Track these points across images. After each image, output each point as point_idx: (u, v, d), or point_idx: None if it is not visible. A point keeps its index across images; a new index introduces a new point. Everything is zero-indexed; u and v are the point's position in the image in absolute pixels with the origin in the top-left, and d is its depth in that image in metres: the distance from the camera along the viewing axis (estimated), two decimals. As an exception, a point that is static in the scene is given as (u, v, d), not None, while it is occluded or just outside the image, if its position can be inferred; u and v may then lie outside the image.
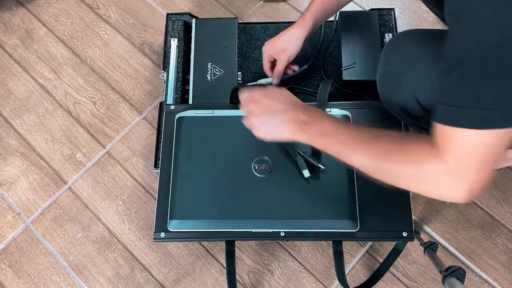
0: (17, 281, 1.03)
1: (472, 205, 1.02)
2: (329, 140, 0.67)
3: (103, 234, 1.05)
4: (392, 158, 0.60)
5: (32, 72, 1.23)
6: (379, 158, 0.61)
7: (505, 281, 0.96)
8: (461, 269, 0.77)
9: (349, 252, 1.00)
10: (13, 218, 1.08)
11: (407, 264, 0.99)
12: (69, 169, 1.12)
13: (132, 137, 1.14)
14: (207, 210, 0.88)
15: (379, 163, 0.61)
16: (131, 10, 1.28)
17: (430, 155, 0.56)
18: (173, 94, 1.04)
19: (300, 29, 0.91)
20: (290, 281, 0.99)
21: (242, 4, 1.27)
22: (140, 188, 1.09)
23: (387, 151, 0.61)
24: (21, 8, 1.31)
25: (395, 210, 0.86)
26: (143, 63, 1.22)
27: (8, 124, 1.18)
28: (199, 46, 1.06)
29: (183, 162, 0.92)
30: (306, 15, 0.91)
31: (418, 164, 0.57)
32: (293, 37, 0.92)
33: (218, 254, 1.02)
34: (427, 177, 0.57)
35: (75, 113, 1.17)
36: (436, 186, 0.57)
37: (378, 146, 0.62)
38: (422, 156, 0.57)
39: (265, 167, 0.90)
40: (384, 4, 1.23)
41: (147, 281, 1.01)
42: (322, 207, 0.87)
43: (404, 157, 0.59)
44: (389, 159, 0.60)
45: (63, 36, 1.26)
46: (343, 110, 0.93)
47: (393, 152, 0.60)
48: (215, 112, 0.95)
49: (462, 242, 1.00)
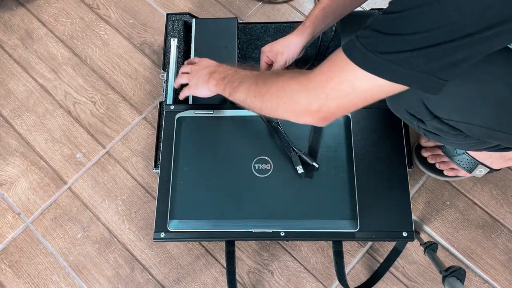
0: (17, 281, 1.03)
1: (472, 205, 1.02)
2: (224, 82, 0.81)
3: (103, 234, 1.05)
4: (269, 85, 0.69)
5: (32, 72, 1.23)
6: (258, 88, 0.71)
7: (505, 281, 0.96)
8: (461, 269, 0.77)
9: (349, 252, 1.00)
10: (13, 218, 1.08)
11: (407, 264, 0.99)
12: (69, 169, 1.12)
13: (132, 137, 1.14)
14: (207, 210, 0.89)
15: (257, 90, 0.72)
16: (131, 10, 1.28)
17: (301, 78, 0.64)
18: (173, 94, 1.04)
19: (299, 36, 0.92)
20: (290, 281, 0.99)
21: (242, 4, 1.27)
22: (140, 188, 1.09)
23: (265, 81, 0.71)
24: (21, 8, 1.31)
25: (395, 210, 0.87)
26: (143, 63, 1.22)
27: (8, 124, 1.17)
28: (199, 46, 1.06)
29: (183, 162, 0.92)
30: (305, 23, 0.92)
31: (288, 83, 0.66)
32: (291, 43, 0.92)
33: (218, 254, 1.02)
34: (291, 95, 0.65)
35: (75, 113, 1.17)
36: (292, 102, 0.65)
37: (258, 81, 0.72)
38: (294, 77, 0.65)
39: (265, 167, 0.90)
40: (384, 4, 1.23)
41: (147, 281, 1.01)
42: (322, 207, 0.87)
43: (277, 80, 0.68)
44: (267, 85, 0.70)
45: (63, 36, 1.26)
46: (343, 110, 0.93)
47: (270, 80, 0.70)
48: (215, 112, 0.95)
49: (462, 242, 1.00)
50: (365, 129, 0.92)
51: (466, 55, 0.51)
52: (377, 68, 0.54)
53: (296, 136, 0.91)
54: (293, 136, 0.91)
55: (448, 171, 0.98)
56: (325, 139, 0.92)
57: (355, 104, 0.61)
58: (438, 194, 1.03)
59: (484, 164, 0.90)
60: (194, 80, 0.90)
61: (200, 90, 0.89)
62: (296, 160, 0.89)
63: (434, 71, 0.53)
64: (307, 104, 0.63)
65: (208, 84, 0.86)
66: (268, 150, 0.91)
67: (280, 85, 0.67)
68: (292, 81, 0.65)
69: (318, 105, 0.62)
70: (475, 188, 1.03)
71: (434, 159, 0.99)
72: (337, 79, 0.59)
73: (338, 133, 0.92)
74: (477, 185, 1.03)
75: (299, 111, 0.65)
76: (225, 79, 0.82)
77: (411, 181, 1.03)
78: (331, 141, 0.92)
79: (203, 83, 0.87)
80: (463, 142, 0.76)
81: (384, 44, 0.53)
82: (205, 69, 0.89)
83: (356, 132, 0.92)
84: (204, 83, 0.87)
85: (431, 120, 0.71)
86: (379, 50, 0.53)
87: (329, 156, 0.91)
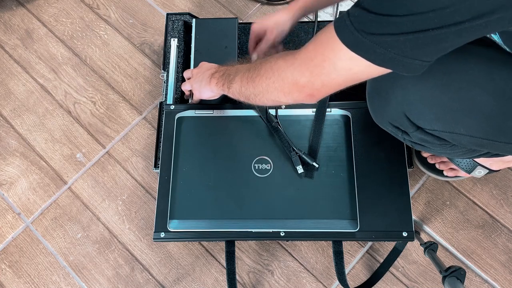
0: (17, 281, 1.03)
1: (472, 205, 1.02)
2: (223, 78, 0.82)
3: (103, 234, 1.05)
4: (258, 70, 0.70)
5: (32, 72, 1.23)
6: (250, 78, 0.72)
7: (505, 281, 0.96)
8: (461, 269, 0.77)
9: (349, 252, 1.00)
10: (13, 218, 1.08)
11: (407, 264, 0.99)
12: (69, 169, 1.12)
13: (132, 137, 1.14)
14: (207, 210, 0.89)
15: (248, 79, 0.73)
16: (131, 10, 1.28)
17: (289, 57, 0.64)
18: (173, 94, 1.04)
19: (290, 14, 0.93)
20: (290, 281, 0.99)
21: (242, 4, 1.27)
22: (140, 188, 1.09)
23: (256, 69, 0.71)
24: (21, 8, 1.31)
25: (395, 210, 0.87)
26: (143, 63, 1.22)
27: (8, 124, 1.17)
28: (199, 46, 1.06)
29: (183, 162, 0.92)
30: (298, 1, 0.92)
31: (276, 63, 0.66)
32: (280, 20, 0.93)
33: (218, 254, 1.02)
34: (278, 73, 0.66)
35: (75, 113, 1.17)
36: (280, 81, 0.66)
37: (251, 70, 0.73)
38: (283, 57, 0.66)
39: (265, 167, 0.90)
40: None
41: (147, 281, 1.01)
42: (322, 207, 0.87)
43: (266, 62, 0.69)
44: (257, 70, 0.71)
45: (63, 36, 1.26)
46: (343, 110, 0.93)
47: (261, 65, 0.70)
48: (215, 112, 0.96)
49: (462, 242, 1.00)
50: (365, 129, 0.92)
51: (452, 43, 0.51)
52: (362, 49, 0.54)
53: (296, 136, 0.91)
54: (293, 136, 0.91)
55: (447, 171, 0.98)
56: (325, 139, 0.92)
57: (338, 83, 0.61)
58: (438, 194, 1.03)
59: (483, 166, 0.90)
60: (197, 83, 0.91)
61: (204, 92, 0.89)
62: (296, 160, 0.89)
63: (419, 55, 0.52)
64: (293, 80, 0.64)
65: (210, 85, 0.86)
66: (268, 150, 0.91)
67: (268, 65, 0.68)
68: (279, 60, 0.66)
69: (304, 81, 0.62)
70: (475, 188, 1.03)
71: (434, 159, 0.99)
72: (321, 57, 0.59)
73: (338, 133, 0.92)
74: (477, 185, 1.03)
75: (287, 88, 0.65)
76: (223, 75, 0.83)
77: (411, 181, 1.03)
78: (331, 141, 0.92)
79: (206, 84, 0.87)
80: (451, 151, 0.75)
81: (372, 24, 0.52)
82: (206, 71, 0.89)
83: (356, 132, 0.92)
84: (206, 85, 0.87)
85: (415, 132, 0.70)
86: (366, 31, 0.52)
87: (329, 156, 0.91)
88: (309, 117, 0.93)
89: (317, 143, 0.91)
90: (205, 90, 0.88)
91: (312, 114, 0.94)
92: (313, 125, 0.92)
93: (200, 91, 0.90)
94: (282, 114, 0.94)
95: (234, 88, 0.78)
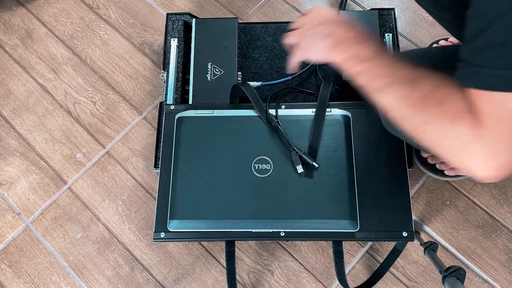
0: (17, 281, 1.03)
1: (472, 205, 1.02)
2: (363, 67, 0.62)
3: (103, 234, 1.05)
4: (427, 109, 0.55)
5: (32, 72, 1.23)
6: (413, 106, 0.56)
7: (505, 281, 0.96)
8: (461, 269, 0.77)
9: (349, 252, 1.00)
10: (13, 218, 1.08)
11: (407, 264, 0.99)
12: (69, 169, 1.12)
13: (132, 137, 1.14)
14: (207, 210, 0.88)
15: (411, 110, 0.56)
16: (131, 10, 1.28)
17: (467, 116, 0.52)
18: (173, 94, 1.04)
19: None
20: (290, 281, 0.99)
21: (242, 4, 1.27)
22: (140, 188, 1.09)
23: (423, 99, 0.55)
24: (21, 8, 1.31)
25: (395, 210, 0.86)
26: (143, 63, 1.22)
27: (8, 124, 1.17)
28: (199, 46, 1.06)
29: (183, 162, 0.92)
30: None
31: (454, 122, 0.52)
32: None
33: (218, 254, 1.02)
34: (458, 138, 0.53)
35: (75, 113, 1.17)
36: (463, 149, 0.53)
37: (415, 91, 0.56)
38: (459, 115, 0.52)
39: (265, 167, 0.90)
40: (384, 4, 1.23)
41: (147, 281, 1.01)
42: (322, 207, 0.87)
43: (440, 112, 0.54)
44: (424, 109, 0.55)
45: (63, 36, 1.26)
46: (343, 110, 0.93)
47: (430, 102, 0.55)
48: (215, 112, 0.95)
49: (462, 242, 1.00)
50: (365, 129, 0.92)
51: None
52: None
53: (296, 136, 0.91)
54: (293, 136, 0.91)
55: (448, 170, 0.98)
56: (325, 139, 0.92)
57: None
58: (438, 194, 1.03)
59: None
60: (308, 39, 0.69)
61: (315, 54, 0.68)
62: (296, 160, 0.88)
63: None
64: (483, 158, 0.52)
65: (329, 51, 0.66)
66: (268, 150, 0.91)
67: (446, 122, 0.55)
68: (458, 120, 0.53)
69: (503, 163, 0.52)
70: (475, 188, 1.03)
71: (434, 159, 0.99)
72: None
73: (338, 133, 0.92)
74: (477, 185, 1.03)
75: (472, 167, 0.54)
76: (363, 63, 0.62)
77: (411, 181, 1.03)
78: (331, 141, 0.92)
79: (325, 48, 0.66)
80: None
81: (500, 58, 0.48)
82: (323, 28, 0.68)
83: (356, 132, 0.92)
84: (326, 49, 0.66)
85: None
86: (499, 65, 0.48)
87: (329, 156, 0.91)
88: (309, 117, 0.93)
89: (317, 143, 0.91)
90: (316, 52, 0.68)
91: (312, 114, 0.94)
92: (313, 125, 0.92)
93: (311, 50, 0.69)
94: (282, 114, 0.94)
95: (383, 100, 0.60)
